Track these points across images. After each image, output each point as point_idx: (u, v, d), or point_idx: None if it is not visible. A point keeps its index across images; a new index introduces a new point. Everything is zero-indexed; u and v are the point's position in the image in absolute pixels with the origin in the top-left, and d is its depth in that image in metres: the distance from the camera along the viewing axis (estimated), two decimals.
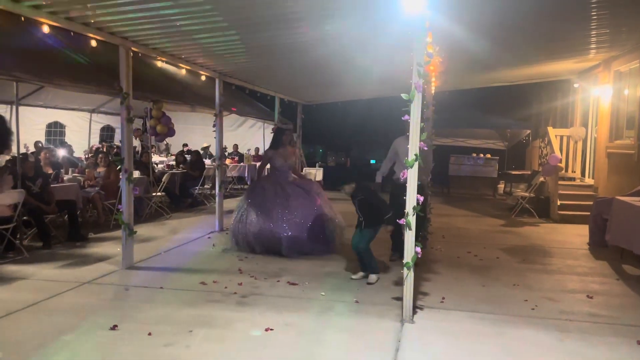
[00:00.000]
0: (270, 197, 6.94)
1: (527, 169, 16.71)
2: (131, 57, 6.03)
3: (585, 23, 7.21)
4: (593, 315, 4.75)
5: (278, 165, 7.20)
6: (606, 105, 10.41)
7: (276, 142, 7.33)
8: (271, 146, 7.47)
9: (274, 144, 7.39)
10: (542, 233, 9.13)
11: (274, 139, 7.46)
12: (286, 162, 7.23)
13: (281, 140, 7.27)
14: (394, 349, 3.90)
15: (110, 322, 4.24)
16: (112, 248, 7.00)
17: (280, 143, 7.26)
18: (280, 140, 7.27)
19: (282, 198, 6.90)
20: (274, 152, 7.24)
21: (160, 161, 13.73)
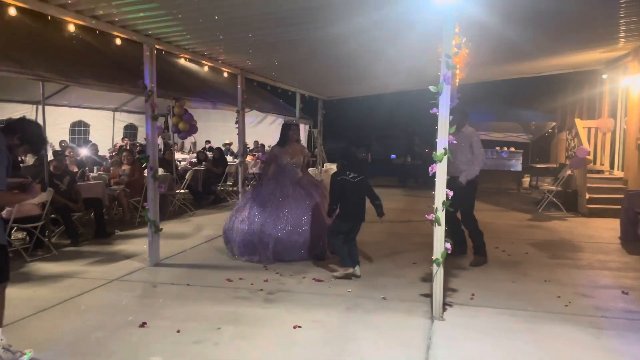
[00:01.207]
0: (273, 202, 6.44)
1: (553, 162, 16.40)
2: (155, 54, 6.04)
3: (613, 11, 7.00)
4: (629, 312, 4.62)
5: (285, 163, 6.70)
6: (636, 96, 10.11)
7: (282, 139, 6.79)
8: (277, 143, 6.92)
9: (280, 140, 6.85)
10: (570, 227, 8.93)
11: (280, 135, 6.90)
12: (293, 160, 6.75)
13: (288, 137, 6.76)
14: (425, 347, 3.84)
15: (139, 319, 4.26)
16: (138, 245, 7.05)
17: (287, 139, 6.75)
18: (287, 137, 6.76)
19: (284, 202, 6.44)
20: (280, 149, 6.73)
21: (182, 158, 13.81)
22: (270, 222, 6.29)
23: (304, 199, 6.52)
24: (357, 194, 5.62)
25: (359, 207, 5.65)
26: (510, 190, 15.24)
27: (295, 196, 6.51)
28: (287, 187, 6.59)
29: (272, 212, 6.36)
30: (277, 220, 6.30)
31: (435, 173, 4.35)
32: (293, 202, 6.45)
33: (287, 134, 6.76)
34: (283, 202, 6.44)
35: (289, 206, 6.40)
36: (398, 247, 7.16)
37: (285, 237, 6.25)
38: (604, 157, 12.03)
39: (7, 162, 3.26)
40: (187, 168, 11.56)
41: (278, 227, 6.27)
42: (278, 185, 6.62)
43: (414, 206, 11.73)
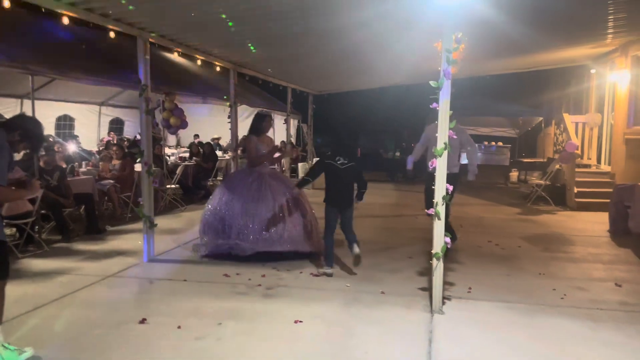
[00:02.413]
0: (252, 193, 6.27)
1: (539, 156, 16.58)
2: (149, 48, 5.96)
3: (602, 7, 7.07)
4: (624, 304, 4.69)
5: (263, 152, 6.54)
6: (623, 91, 10.26)
7: (257, 129, 6.60)
8: (252, 132, 6.62)
9: (254, 130, 6.60)
10: (560, 221, 9.05)
11: (254, 125, 6.65)
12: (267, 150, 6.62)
13: (262, 128, 6.63)
14: (427, 340, 3.86)
15: (138, 315, 4.22)
16: (131, 241, 6.98)
17: (261, 130, 6.61)
18: (261, 128, 6.62)
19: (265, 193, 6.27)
20: (257, 139, 6.56)
21: (172, 153, 13.70)
22: (239, 209, 6.13)
23: (277, 190, 6.37)
24: (344, 179, 5.60)
25: (344, 193, 5.64)
26: (498, 184, 15.39)
27: (267, 187, 6.34)
28: (260, 176, 6.43)
29: (242, 199, 6.20)
30: (248, 207, 6.14)
31: (435, 168, 4.37)
32: (266, 192, 6.28)
33: (263, 125, 6.63)
34: (256, 191, 6.27)
35: (262, 196, 6.24)
36: (392, 242, 7.19)
37: (258, 225, 6.07)
38: (591, 152, 12.21)
39: (10, 158, 3.20)
40: (177, 163, 11.47)
41: (249, 214, 6.10)
42: (250, 174, 6.46)
43: (405, 201, 11.78)
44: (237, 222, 6.10)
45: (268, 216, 6.11)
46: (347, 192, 5.65)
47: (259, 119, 6.65)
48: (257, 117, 6.69)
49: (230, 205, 6.21)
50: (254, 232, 6.08)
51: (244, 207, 6.16)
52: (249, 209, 6.14)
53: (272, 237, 6.07)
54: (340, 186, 5.62)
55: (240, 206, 6.17)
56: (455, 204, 6.43)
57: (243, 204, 6.17)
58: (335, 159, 5.60)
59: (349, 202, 5.65)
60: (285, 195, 6.32)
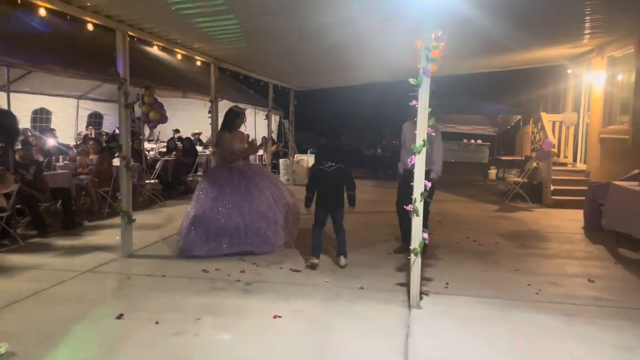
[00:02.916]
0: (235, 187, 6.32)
1: (518, 154, 16.83)
2: (128, 41, 5.89)
3: (579, 8, 7.20)
4: (597, 299, 4.80)
5: (237, 149, 6.54)
6: (599, 91, 10.47)
7: (229, 124, 6.61)
8: (224, 128, 6.62)
9: (227, 126, 6.60)
10: (537, 218, 9.21)
11: (226, 121, 6.65)
12: (241, 146, 6.62)
13: (234, 124, 6.62)
14: (404, 335, 3.90)
15: (116, 311, 4.19)
16: (109, 236, 6.91)
17: (234, 126, 6.62)
18: (234, 124, 6.62)
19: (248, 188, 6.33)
20: (231, 135, 6.55)
21: (151, 148, 13.56)
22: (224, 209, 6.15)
23: (260, 184, 6.44)
24: (332, 182, 5.76)
25: (333, 195, 5.78)
26: (477, 181, 15.59)
27: (241, 183, 6.36)
28: (240, 173, 6.45)
29: (219, 198, 6.22)
30: (233, 206, 6.17)
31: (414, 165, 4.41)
32: (240, 189, 6.31)
33: (236, 121, 6.63)
34: (239, 188, 6.31)
35: (247, 194, 6.28)
36: (372, 238, 7.24)
37: (245, 226, 6.13)
38: (567, 150, 12.43)
39: None
40: (156, 158, 11.37)
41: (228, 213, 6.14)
42: (229, 172, 6.46)
43: (385, 197, 11.81)
44: (223, 224, 6.11)
45: (255, 214, 6.18)
46: (336, 194, 5.80)
47: (231, 115, 6.65)
48: (229, 113, 6.67)
49: (214, 205, 6.19)
50: (241, 233, 6.13)
51: (228, 206, 6.17)
52: (234, 208, 6.16)
53: (259, 237, 6.17)
54: (329, 189, 5.76)
55: (224, 206, 6.17)
56: (435, 201, 6.52)
57: (227, 203, 6.19)
58: (323, 163, 5.80)
59: (339, 203, 5.82)
60: (268, 187, 6.41)
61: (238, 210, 6.17)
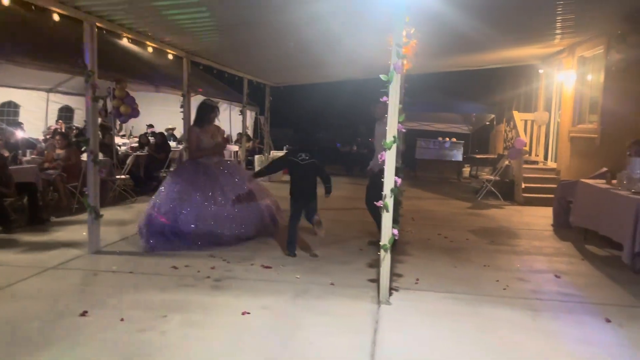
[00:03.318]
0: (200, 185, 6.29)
1: (491, 152, 17.05)
2: (96, 33, 5.75)
3: (551, 8, 7.31)
4: (562, 294, 4.89)
5: (207, 144, 6.50)
6: (570, 90, 10.66)
7: (201, 119, 6.56)
8: (196, 123, 6.62)
9: (199, 121, 6.58)
10: (508, 215, 9.34)
11: (198, 115, 6.61)
12: (213, 141, 6.59)
13: (207, 118, 6.59)
14: (372, 330, 3.90)
15: (79, 308, 4.09)
16: (76, 232, 6.76)
17: (207, 121, 6.58)
18: (207, 118, 6.58)
19: (216, 188, 6.31)
20: (201, 130, 6.52)
21: (123, 143, 13.32)
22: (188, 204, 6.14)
23: (226, 182, 6.41)
24: (305, 175, 5.92)
25: (305, 188, 5.94)
26: (451, 179, 15.75)
27: (216, 180, 6.36)
28: (207, 169, 6.41)
29: (178, 197, 6.19)
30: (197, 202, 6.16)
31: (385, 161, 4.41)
32: (214, 186, 6.32)
33: (210, 116, 6.59)
34: (204, 185, 6.29)
35: (211, 190, 6.27)
36: (344, 234, 7.24)
37: (192, 223, 6.08)
38: (538, 149, 12.63)
39: None
40: (128, 153, 11.17)
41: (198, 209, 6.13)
42: (196, 168, 6.43)
43: (360, 194, 11.78)
44: (179, 222, 6.06)
45: (219, 211, 6.15)
46: (309, 187, 5.94)
47: (204, 109, 6.59)
48: (202, 107, 6.60)
49: (179, 200, 6.16)
50: (204, 227, 6.08)
51: (193, 202, 6.13)
52: (198, 204, 6.13)
53: (212, 237, 6.11)
54: (302, 181, 5.92)
55: (189, 201, 6.13)
56: (409, 198, 6.56)
57: (192, 198, 6.14)
58: (297, 156, 5.92)
59: (311, 196, 5.97)
60: (235, 186, 6.35)
61: (195, 209, 6.12)
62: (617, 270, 5.68)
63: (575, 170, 9.85)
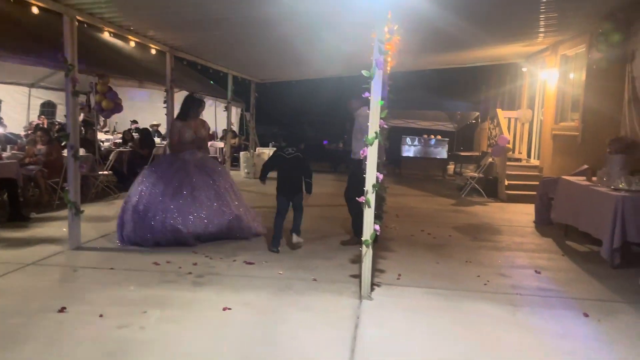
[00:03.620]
0: (170, 183, 6.15)
1: (476, 150, 17.16)
2: (76, 26, 5.68)
3: (534, 7, 7.37)
4: (542, 290, 4.94)
5: (188, 138, 6.36)
6: (552, 89, 10.76)
7: (186, 113, 6.42)
8: (179, 116, 6.49)
9: (182, 114, 6.44)
10: (490, 212, 9.42)
11: (183, 109, 6.47)
12: (196, 135, 6.45)
13: (192, 113, 6.45)
14: (354, 326, 3.91)
15: (58, 304, 4.04)
16: (57, 228, 6.68)
17: (191, 115, 6.44)
18: (192, 112, 6.45)
19: (185, 185, 6.15)
20: (183, 124, 6.39)
21: (106, 139, 13.19)
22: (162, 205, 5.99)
23: (199, 181, 6.25)
24: (289, 168, 6.00)
25: (291, 181, 6.04)
26: (436, 176, 15.84)
27: (189, 178, 6.22)
28: (184, 165, 6.30)
29: (162, 190, 6.07)
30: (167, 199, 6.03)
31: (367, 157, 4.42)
32: (186, 183, 6.17)
33: (195, 110, 6.49)
34: (177, 182, 6.16)
35: (181, 188, 6.13)
36: (328, 231, 7.24)
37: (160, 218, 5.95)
38: (522, 146, 12.75)
39: None
40: (110, 149, 11.06)
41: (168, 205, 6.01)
42: (173, 163, 6.35)
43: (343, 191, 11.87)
44: (148, 217, 5.97)
45: (182, 207, 6.02)
46: (294, 180, 6.03)
47: (189, 103, 6.49)
48: (187, 101, 6.50)
49: (150, 196, 6.07)
50: (162, 228, 5.93)
51: (163, 198, 6.04)
52: (163, 198, 6.03)
53: (176, 234, 5.97)
54: (287, 175, 6.03)
55: (160, 197, 6.04)
56: (393, 195, 6.59)
57: (163, 194, 6.06)
58: (284, 150, 6.03)
59: (296, 189, 6.05)
60: (207, 185, 6.24)
61: (162, 205, 6.01)
62: (596, 265, 5.75)
63: (557, 167, 9.96)
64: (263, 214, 7.13)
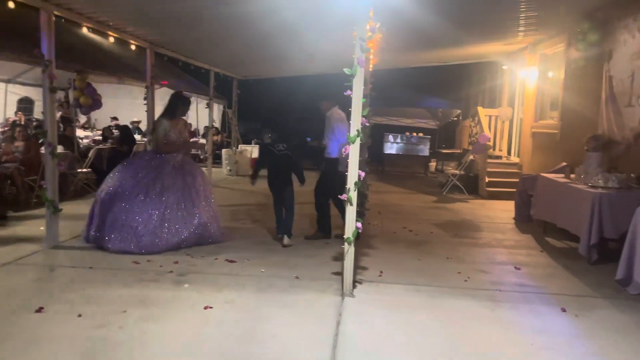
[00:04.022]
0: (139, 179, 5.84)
1: (457, 147, 17.30)
2: (54, 21, 5.58)
3: (514, 6, 7.44)
4: (521, 286, 5.00)
5: (173, 137, 6.10)
6: (532, 87, 10.89)
7: (173, 111, 6.14)
8: (166, 114, 6.14)
9: (170, 112, 6.13)
10: (471, 209, 9.51)
11: (170, 107, 6.16)
12: (181, 137, 6.20)
13: (179, 111, 6.19)
14: (336, 323, 3.92)
15: (35, 304, 3.98)
16: (35, 227, 6.57)
17: (177, 113, 6.17)
18: (178, 111, 6.19)
19: (154, 183, 5.84)
20: (170, 122, 6.08)
21: (85, 136, 13.00)
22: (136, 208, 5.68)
23: (169, 185, 5.89)
24: (277, 164, 6.21)
25: (278, 178, 6.27)
26: (418, 173, 15.94)
27: (147, 177, 5.89)
28: (157, 165, 5.99)
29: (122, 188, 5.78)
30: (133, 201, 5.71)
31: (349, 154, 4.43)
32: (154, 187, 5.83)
33: (182, 108, 6.26)
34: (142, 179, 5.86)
35: (133, 187, 5.80)
36: (310, 228, 7.23)
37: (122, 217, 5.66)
38: (502, 144, 12.88)
39: None
40: (89, 146, 10.90)
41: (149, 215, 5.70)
42: (145, 162, 6.07)
43: None
44: (112, 215, 5.69)
45: (146, 208, 5.71)
46: (282, 175, 6.26)
47: (177, 100, 6.26)
48: (176, 99, 6.28)
49: (114, 195, 5.78)
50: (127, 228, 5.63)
51: (124, 194, 5.74)
52: (128, 198, 5.72)
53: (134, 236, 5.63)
54: (275, 170, 6.26)
55: (121, 193, 5.75)
56: (375, 192, 6.61)
57: (124, 190, 5.77)
58: (275, 146, 6.22)
59: (284, 183, 6.29)
60: (176, 189, 5.92)
61: (126, 204, 5.70)
62: (574, 261, 5.85)
63: (536, 164, 10.09)
64: (245, 211, 7.11)
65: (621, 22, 7.19)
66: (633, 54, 6.82)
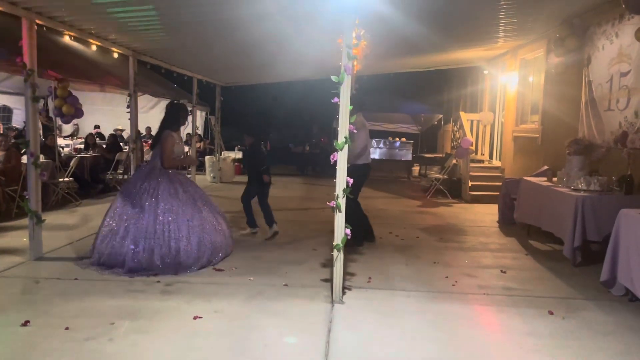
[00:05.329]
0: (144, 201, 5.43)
1: (439, 152, 17.48)
2: (35, 30, 5.51)
3: (494, 12, 7.56)
4: (507, 289, 5.06)
5: (178, 152, 5.74)
6: (512, 92, 11.06)
7: (176, 122, 5.79)
8: (169, 126, 5.72)
9: (173, 123, 5.76)
10: (455, 213, 9.60)
11: (172, 117, 5.77)
12: (183, 151, 5.93)
13: (181, 122, 5.86)
14: (326, 330, 3.92)
15: (21, 317, 3.91)
16: (16, 238, 6.46)
17: (179, 124, 5.84)
18: (181, 122, 5.86)
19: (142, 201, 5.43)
20: (174, 136, 5.71)
21: (66, 145, 12.82)
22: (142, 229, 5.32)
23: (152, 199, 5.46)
24: (247, 161, 7.11)
25: (249, 172, 7.30)
26: (401, 178, 16.03)
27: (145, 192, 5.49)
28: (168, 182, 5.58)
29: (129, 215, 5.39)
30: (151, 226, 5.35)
31: (337, 161, 4.44)
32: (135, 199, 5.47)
33: (185, 120, 5.91)
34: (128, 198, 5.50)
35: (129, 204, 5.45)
36: (298, 235, 7.24)
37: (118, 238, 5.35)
38: (484, 148, 13.05)
39: None
40: (71, 155, 10.75)
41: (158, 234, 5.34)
42: (140, 177, 5.66)
43: (313, 194, 11.92)
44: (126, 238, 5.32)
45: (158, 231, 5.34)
46: (251, 171, 7.25)
47: (179, 111, 5.82)
48: (176, 109, 5.83)
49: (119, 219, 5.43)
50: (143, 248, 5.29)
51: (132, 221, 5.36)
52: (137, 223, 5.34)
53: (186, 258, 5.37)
54: (247, 166, 7.40)
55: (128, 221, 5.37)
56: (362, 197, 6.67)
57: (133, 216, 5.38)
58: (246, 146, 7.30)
59: (253, 178, 7.11)
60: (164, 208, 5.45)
61: (124, 223, 5.38)
62: (559, 264, 5.94)
63: (518, 168, 10.24)
64: (230, 219, 7.06)
65: (600, 28, 7.36)
66: (611, 59, 6.98)
